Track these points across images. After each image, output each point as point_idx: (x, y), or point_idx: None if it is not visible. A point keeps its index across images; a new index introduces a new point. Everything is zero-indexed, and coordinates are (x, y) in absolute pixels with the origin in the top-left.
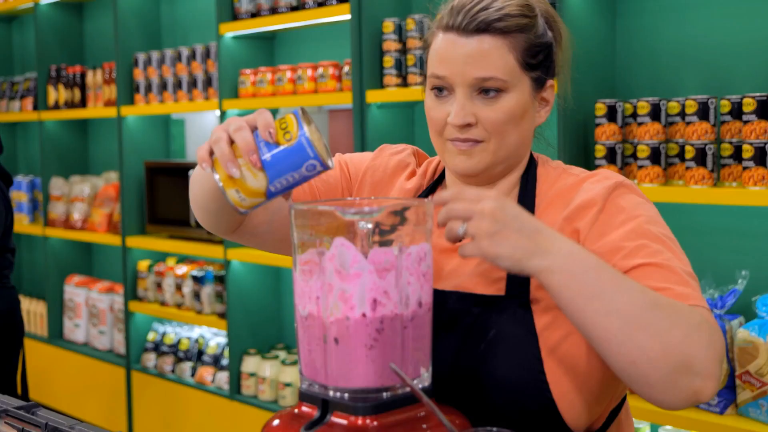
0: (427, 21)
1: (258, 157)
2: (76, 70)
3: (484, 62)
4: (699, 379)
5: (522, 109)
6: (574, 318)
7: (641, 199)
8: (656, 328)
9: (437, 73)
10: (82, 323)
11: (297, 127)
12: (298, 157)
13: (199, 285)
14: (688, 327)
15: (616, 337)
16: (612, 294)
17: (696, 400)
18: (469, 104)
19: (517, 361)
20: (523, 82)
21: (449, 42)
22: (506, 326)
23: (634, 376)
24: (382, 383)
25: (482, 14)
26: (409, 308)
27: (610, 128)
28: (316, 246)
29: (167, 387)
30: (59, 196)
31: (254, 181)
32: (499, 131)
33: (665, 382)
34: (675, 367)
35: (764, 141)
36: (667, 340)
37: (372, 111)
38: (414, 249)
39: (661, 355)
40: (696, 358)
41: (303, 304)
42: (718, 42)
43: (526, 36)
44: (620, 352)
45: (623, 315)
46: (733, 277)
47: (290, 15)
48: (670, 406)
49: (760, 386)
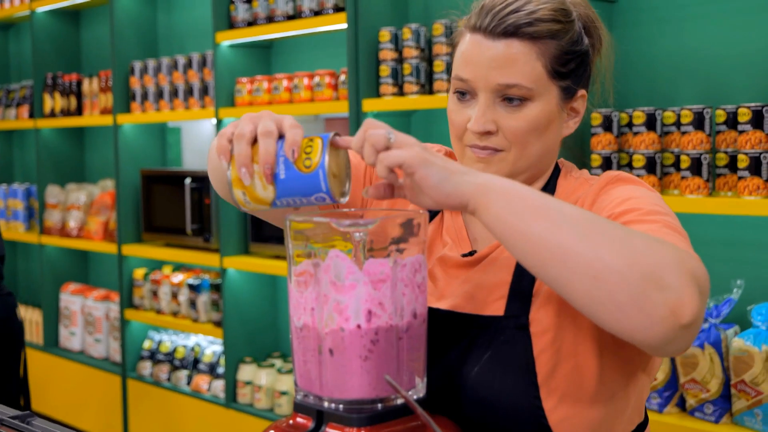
0: (423, 30)
1: (272, 171)
2: (73, 78)
3: (510, 68)
4: (673, 294)
5: (547, 119)
6: (521, 243)
7: (640, 188)
8: (615, 235)
9: (461, 76)
10: (78, 331)
11: (319, 156)
12: (309, 187)
13: (196, 293)
14: (652, 239)
15: (572, 248)
16: (559, 207)
17: (676, 321)
18: (490, 111)
19: (512, 385)
20: (550, 91)
21: (475, 44)
22: (502, 349)
23: (600, 299)
24: (377, 394)
25: (512, 17)
26: (404, 319)
27: (605, 138)
28: (311, 257)
29: (163, 395)
30: (55, 204)
31: (262, 191)
32: (521, 141)
33: (635, 298)
34: (642, 277)
35: (759, 151)
36: (630, 247)
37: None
38: (409, 260)
39: (624, 264)
40: (665, 268)
41: (298, 315)
42: (713, 53)
43: (558, 43)
44: (579, 267)
45: (576, 224)
46: (729, 286)
47: (287, 24)
48: (649, 334)
49: (755, 395)
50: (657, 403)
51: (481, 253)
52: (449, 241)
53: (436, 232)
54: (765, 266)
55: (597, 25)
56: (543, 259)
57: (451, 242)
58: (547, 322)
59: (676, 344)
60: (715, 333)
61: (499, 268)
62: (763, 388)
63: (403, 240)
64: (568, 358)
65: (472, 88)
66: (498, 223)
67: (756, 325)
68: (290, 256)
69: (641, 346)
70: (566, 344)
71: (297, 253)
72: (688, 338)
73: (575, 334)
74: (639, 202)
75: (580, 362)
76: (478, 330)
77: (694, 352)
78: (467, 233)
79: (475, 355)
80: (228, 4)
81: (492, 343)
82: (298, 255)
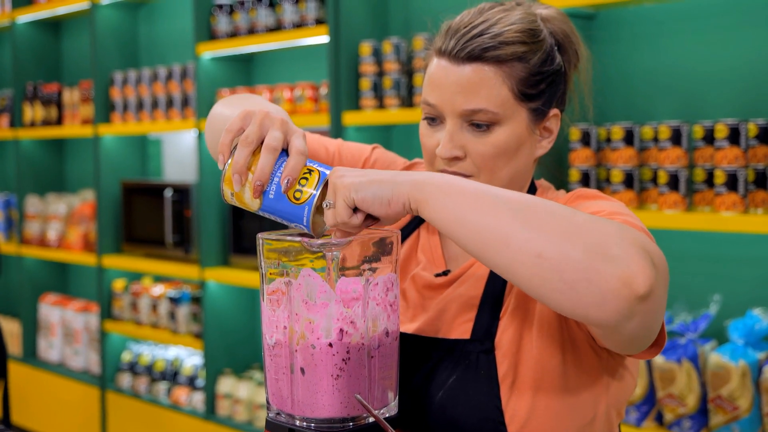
0: (404, 44)
1: (262, 189)
2: (53, 89)
3: (475, 93)
4: (622, 264)
5: (516, 142)
6: (464, 232)
7: (603, 201)
8: (556, 213)
9: (428, 101)
10: (57, 342)
11: (310, 193)
12: (293, 215)
13: (175, 305)
14: (595, 217)
15: (511, 231)
16: (497, 193)
17: (630, 293)
18: (458, 136)
19: (477, 410)
20: (518, 114)
21: (441, 69)
22: (467, 373)
23: (548, 278)
24: (348, 413)
25: (476, 41)
26: (376, 338)
27: (584, 153)
28: (283, 276)
29: (142, 407)
30: (35, 215)
31: (250, 199)
32: (489, 166)
33: (582, 273)
34: (586, 250)
35: (736, 167)
36: (572, 223)
37: (349, 133)
38: (381, 279)
39: (566, 239)
40: (609, 239)
41: (270, 333)
42: (690, 69)
43: (524, 65)
44: (521, 248)
45: (515, 207)
46: (706, 301)
47: (268, 36)
48: (604, 309)
49: (733, 410)
50: (635, 418)
51: (455, 274)
52: (423, 260)
53: (411, 251)
54: (742, 281)
55: (573, 39)
56: (486, 245)
57: (426, 261)
58: (511, 345)
59: (635, 320)
60: (693, 348)
61: (470, 289)
62: (740, 404)
63: (375, 259)
64: (535, 381)
65: (440, 113)
66: (438, 216)
67: (733, 341)
68: (263, 274)
69: (600, 325)
70: (532, 365)
71: (270, 272)
72: (648, 313)
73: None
74: (600, 207)
75: (548, 383)
76: (444, 353)
77: (672, 366)
78: (443, 252)
79: (441, 378)
80: (209, 16)
81: (457, 367)
82: (271, 273)
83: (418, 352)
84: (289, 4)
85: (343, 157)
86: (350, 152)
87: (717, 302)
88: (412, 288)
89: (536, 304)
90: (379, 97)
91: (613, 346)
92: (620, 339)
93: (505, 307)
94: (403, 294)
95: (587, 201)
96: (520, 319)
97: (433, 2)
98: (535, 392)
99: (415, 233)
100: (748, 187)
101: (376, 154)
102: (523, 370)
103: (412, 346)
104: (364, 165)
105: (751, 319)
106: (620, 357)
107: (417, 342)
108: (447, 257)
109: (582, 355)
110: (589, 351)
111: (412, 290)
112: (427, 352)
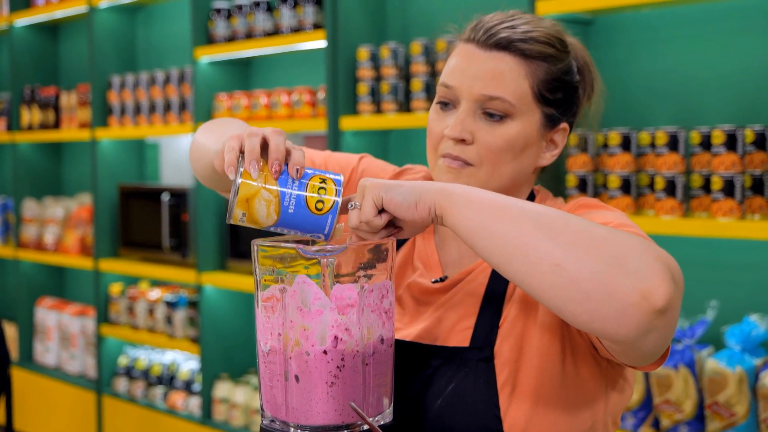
0: (402, 49)
1: (281, 167)
2: (51, 92)
3: (496, 81)
4: (641, 278)
5: (524, 141)
6: (485, 241)
7: (606, 211)
8: (576, 225)
9: (446, 82)
10: (53, 346)
11: (332, 202)
12: (314, 226)
13: (172, 309)
14: (614, 230)
15: (531, 240)
16: (519, 204)
17: (649, 307)
18: (469, 120)
19: (475, 419)
20: (533, 113)
21: (466, 53)
22: (465, 381)
23: (566, 289)
24: (342, 420)
25: (506, 32)
26: (371, 345)
27: (581, 158)
28: (278, 282)
29: (138, 412)
30: (32, 219)
31: (264, 217)
32: (494, 159)
33: (601, 285)
34: (606, 262)
35: (733, 173)
36: (591, 235)
37: (346, 138)
38: (376, 285)
39: (586, 250)
40: (629, 252)
41: (265, 339)
42: (688, 75)
43: (549, 67)
44: (540, 257)
45: (536, 217)
46: (703, 307)
47: (265, 40)
48: (622, 323)
49: (729, 416)
50: (631, 424)
51: (452, 280)
52: (420, 267)
53: (407, 258)
54: (738, 287)
55: (591, 70)
56: (505, 254)
57: (422, 268)
58: (511, 353)
59: (652, 335)
60: (689, 354)
61: (469, 296)
62: (737, 410)
63: (370, 266)
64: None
65: (456, 96)
66: (461, 224)
67: (730, 347)
68: (257, 280)
69: (618, 340)
70: (531, 371)
71: (264, 278)
72: (664, 329)
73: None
74: (607, 219)
75: (547, 391)
76: (443, 361)
77: (668, 372)
78: (439, 259)
79: (438, 386)
80: (207, 20)
81: (456, 375)
82: (266, 280)
83: (416, 359)
84: (287, 9)
85: (330, 168)
86: (338, 163)
87: (714, 308)
88: (408, 295)
89: (537, 313)
90: (376, 102)
91: (630, 361)
92: (638, 354)
93: (504, 315)
94: (399, 301)
95: (591, 211)
96: (520, 328)
97: (431, 8)
98: (535, 401)
99: (411, 240)
100: (745, 193)
101: (363, 164)
102: (522, 379)
103: (410, 353)
104: (351, 175)
105: (748, 325)
106: (620, 367)
107: (415, 349)
108: (443, 264)
109: (582, 365)
110: (591, 360)
111: (409, 297)
112: (426, 359)
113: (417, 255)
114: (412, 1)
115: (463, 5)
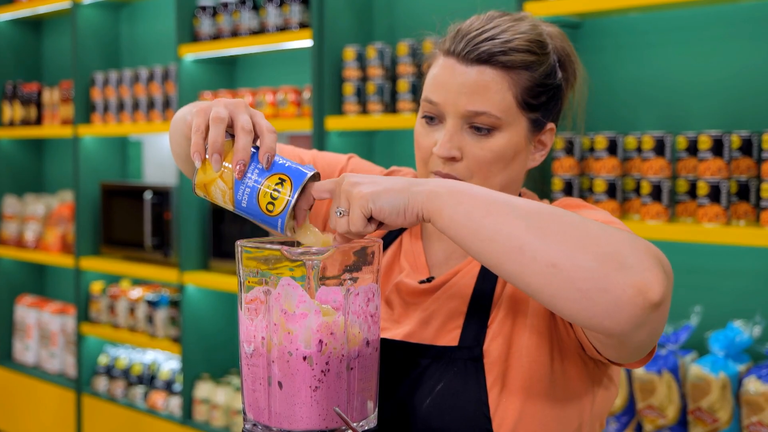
0: (388, 49)
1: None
2: (33, 88)
3: (480, 95)
4: (636, 273)
5: (513, 150)
6: (477, 241)
7: (591, 210)
8: (569, 222)
9: (430, 98)
10: (33, 345)
11: (284, 206)
12: (266, 223)
13: (153, 309)
14: (606, 226)
15: (525, 239)
16: (509, 200)
17: (645, 301)
18: (457, 137)
19: (464, 418)
20: (519, 122)
21: (447, 68)
22: (455, 380)
23: (562, 287)
24: (326, 425)
25: (486, 44)
26: (356, 349)
27: (567, 162)
28: (262, 284)
29: (118, 412)
30: (12, 216)
31: (221, 201)
32: (484, 171)
33: (597, 281)
34: (600, 258)
35: (718, 179)
36: (585, 232)
37: (332, 138)
38: (362, 288)
39: (580, 247)
40: (623, 248)
41: (248, 342)
42: (675, 80)
43: (531, 74)
44: (534, 256)
45: (528, 214)
46: (687, 312)
47: (251, 38)
48: (618, 318)
49: (712, 422)
50: (614, 429)
51: (439, 280)
52: (407, 267)
53: (394, 257)
54: (723, 293)
55: (573, 59)
56: (499, 254)
57: (409, 268)
58: (500, 353)
59: (645, 329)
60: (673, 359)
61: (456, 296)
62: (720, 416)
63: (356, 268)
64: (523, 388)
65: (441, 112)
66: (451, 225)
67: (714, 352)
68: (241, 282)
69: (612, 334)
70: (520, 372)
71: (248, 280)
72: (658, 322)
73: (529, 362)
74: (592, 217)
75: (536, 390)
76: (431, 360)
77: (652, 377)
78: (425, 259)
79: (427, 386)
80: (192, 18)
81: (445, 374)
82: (250, 281)
83: (405, 359)
84: (273, 8)
85: (317, 167)
86: (326, 162)
87: (698, 314)
88: (396, 295)
89: (526, 314)
90: (362, 103)
91: (618, 356)
92: (627, 349)
93: (493, 315)
94: (387, 301)
95: (577, 211)
96: (509, 328)
97: (418, 8)
98: (524, 400)
99: (398, 240)
100: (731, 199)
101: (352, 164)
102: (511, 379)
103: (399, 353)
104: (340, 174)
105: (732, 331)
106: (605, 366)
107: (404, 348)
108: (430, 264)
109: (570, 364)
110: (578, 360)
111: (396, 297)
112: (415, 358)
113: (404, 254)
114: (399, 2)
115: (450, 7)
